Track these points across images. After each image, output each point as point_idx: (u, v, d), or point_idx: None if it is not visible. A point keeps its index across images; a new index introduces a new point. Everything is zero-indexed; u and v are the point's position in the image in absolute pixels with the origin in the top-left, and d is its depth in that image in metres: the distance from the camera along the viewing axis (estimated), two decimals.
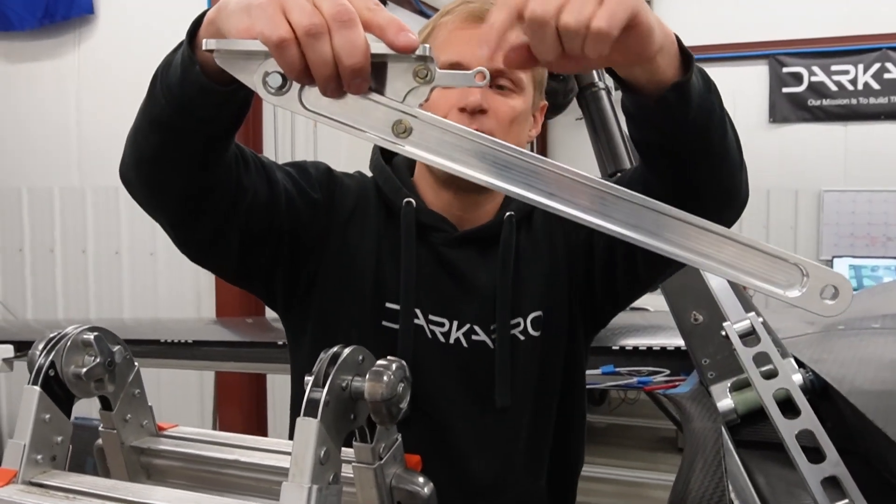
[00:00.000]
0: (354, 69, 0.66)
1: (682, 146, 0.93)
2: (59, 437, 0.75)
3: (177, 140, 0.91)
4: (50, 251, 4.47)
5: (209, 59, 0.77)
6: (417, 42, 0.68)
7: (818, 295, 0.67)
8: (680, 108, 0.88)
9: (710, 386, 1.30)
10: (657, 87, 0.86)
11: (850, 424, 1.02)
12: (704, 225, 0.69)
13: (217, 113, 0.88)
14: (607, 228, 0.70)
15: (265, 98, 0.70)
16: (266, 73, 0.69)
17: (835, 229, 6.41)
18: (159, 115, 0.90)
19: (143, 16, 4.18)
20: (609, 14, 0.71)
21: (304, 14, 0.66)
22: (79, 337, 0.78)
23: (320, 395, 0.64)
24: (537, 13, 0.71)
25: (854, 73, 6.36)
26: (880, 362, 1.15)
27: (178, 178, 0.96)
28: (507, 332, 1.18)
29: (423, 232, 1.18)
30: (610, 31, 0.71)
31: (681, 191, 0.94)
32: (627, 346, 2.05)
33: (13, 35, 4.42)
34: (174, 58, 0.86)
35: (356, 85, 0.68)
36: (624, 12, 0.72)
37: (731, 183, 1.00)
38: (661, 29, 0.79)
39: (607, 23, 0.70)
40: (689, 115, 0.89)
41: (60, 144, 4.41)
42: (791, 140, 6.48)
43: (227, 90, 0.83)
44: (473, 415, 1.19)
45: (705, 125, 0.92)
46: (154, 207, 1.02)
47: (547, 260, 1.21)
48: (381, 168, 1.23)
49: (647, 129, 0.94)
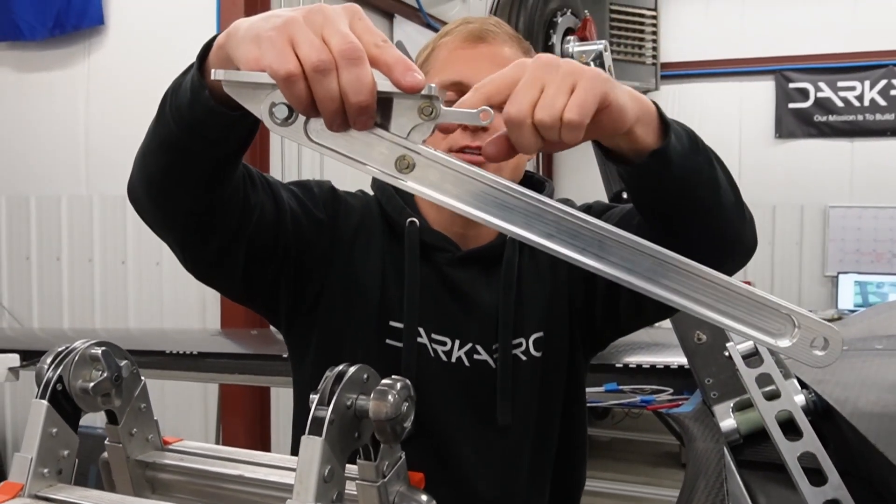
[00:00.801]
0: (360, 106, 0.67)
1: (668, 206, 0.96)
2: (66, 451, 0.76)
3: (185, 161, 0.92)
4: (56, 259, 4.48)
5: (218, 83, 0.78)
6: (424, 82, 0.69)
7: (808, 345, 0.68)
8: (662, 172, 0.90)
9: (713, 406, 1.29)
10: (638, 155, 0.89)
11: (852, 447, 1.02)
12: (701, 272, 0.70)
13: (226, 135, 0.89)
14: (603, 271, 0.71)
15: (271, 129, 0.71)
16: (273, 104, 0.69)
17: (840, 245, 6.39)
18: (168, 137, 0.90)
19: (152, 28, 4.20)
20: (579, 104, 0.74)
21: (313, 49, 0.66)
22: (86, 351, 0.79)
23: (325, 414, 0.65)
24: (513, 115, 0.74)
25: (860, 90, 6.36)
26: (883, 385, 1.15)
27: (187, 197, 0.97)
28: (509, 351, 1.18)
29: (427, 251, 1.19)
30: (582, 120, 0.74)
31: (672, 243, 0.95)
32: (631, 363, 2.05)
33: (24, 45, 4.45)
34: (184, 80, 0.87)
35: (361, 121, 0.69)
36: (594, 99, 0.75)
37: (725, 236, 1.01)
38: (635, 103, 0.83)
39: (578, 114, 0.74)
40: (673, 177, 0.91)
41: (69, 153, 4.43)
42: (797, 155, 6.48)
43: (235, 115, 0.84)
44: (476, 433, 1.19)
45: (691, 185, 0.94)
46: (162, 227, 1.03)
47: (549, 281, 1.22)
48: (384, 186, 1.24)
49: (637, 193, 0.97)
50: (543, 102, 0.74)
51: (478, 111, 0.72)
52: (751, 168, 6.47)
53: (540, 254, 1.22)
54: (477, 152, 1.12)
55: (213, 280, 1.13)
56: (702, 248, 0.97)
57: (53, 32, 4.36)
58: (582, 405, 1.30)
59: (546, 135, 0.75)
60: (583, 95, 0.74)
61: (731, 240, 1.01)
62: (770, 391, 1.08)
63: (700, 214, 0.96)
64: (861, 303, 6.15)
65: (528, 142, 0.75)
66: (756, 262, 6.53)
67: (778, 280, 6.52)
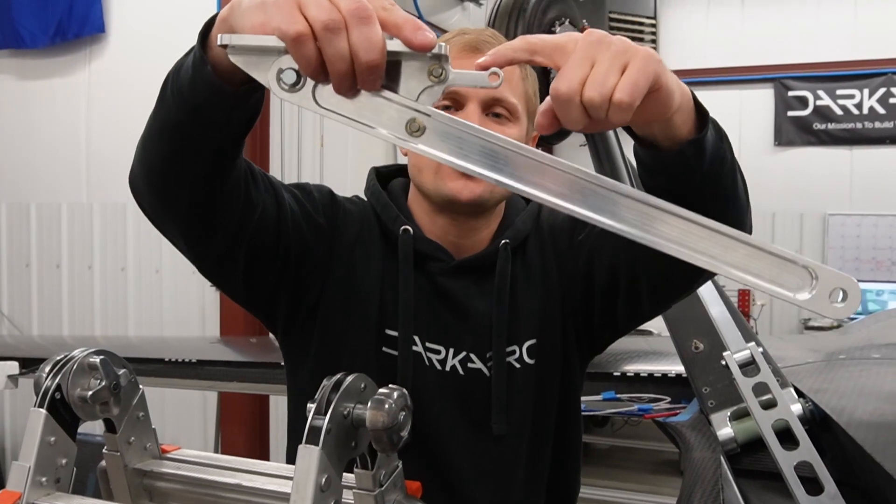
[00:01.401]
0: (371, 65, 0.66)
1: (694, 193, 0.95)
2: (64, 460, 0.76)
3: (186, 146, 0.90)
4: (56, 267, 4.49)
5: (221, 59, 0.77)
6: (435, 40, 0.68)
7: (827, 297, 0.66)
8: (696, 160, 0.90)
9: (711, 414, 1.30)
10: (673, 143, 0.88)
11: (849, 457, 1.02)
12: (714, 226, 0.69)
13: (227, 117, 0.88)
14: (616, 228, 0.69)
15: (278, 94, 0.69)
16: (280, 69, 0.68)
17: (840, 253, 6.40)
18: (169, 120, 0.89)
19: (153, 35, 4.22)
20: (630, 85, 0.72)
21: (322, 10, 0.66)
22: (85, 360, 0.79)
23: (322, 423, 0.65)
24: (562, 91, 0.72)
25: (859, 98, 6.38)
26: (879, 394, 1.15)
27: (187, 186, 0.95)
28: (503, 359, 1.18)
29: (421, 260, 1.19)
30: (632, 101, 0.72)
31: None
32: (629, 372, 2.05)
33: (25, 52, 4.47)
34: (185, 61, 0.86)
35: (371, 81, 0.67)
36: (646, 80, 0.73)
37: (739, 220, 1.01)
38: (679, 88, 0.81)
39: (629, 95, 0.72)
40: (704, 167, 0.91)
41: (69, 161, 4.45)
42: (796, 163, 6.49)
43: (238, 91, 0.82)
44: (471, 442, 1.19)
45: (718, 173, 0.94)
46: (161, 218, 1.01)
47: (541, 288, 1.22)
48: (379, 194, 1.24)
49: (661, 178, 0.95)
50: (594, 80, 0.72)
51: (487, 73, 0.70)
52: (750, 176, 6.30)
53: (532, 260, 1.23)
54: None
55: (216, 278, 1.13)
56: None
57: (54, 40, 4.38)
58: (577, 411, 1.30)
59: (594, 114, 0.73)
60: (635, 76, 0.73)
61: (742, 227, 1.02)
62: (767, 400, 1.08)
63: (721, 202, 0.96)
64: (861, 310, 6.14)
65: (574, 119, 0.73)
66: None
67: None
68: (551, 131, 0.77)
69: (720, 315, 1.41)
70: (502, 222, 1.23)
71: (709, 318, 1.41)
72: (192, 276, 4.17)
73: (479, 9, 6.08)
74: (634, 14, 6.39)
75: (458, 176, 1.12)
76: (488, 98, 1.13)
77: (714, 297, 1.42)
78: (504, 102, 1.14)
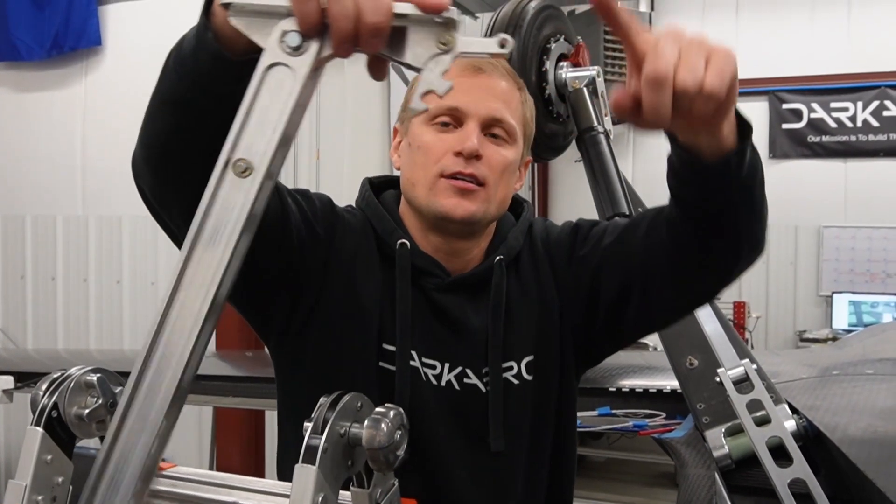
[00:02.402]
0: (376, 26, 0.65)
1: (727, 204, 0.96)
2: (60, 478, 0.76)
3: (188, 119, 0.87)
4: (52, 279, 4.48)
5: (224, 27, 0.75)
6: (448, 3, 0.66)
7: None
8: (737, 171, 0.90)
9: (705, 431, 1.30)
10: (718, 151, 0.88)
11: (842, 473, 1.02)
12: None
13: (230, 89, 0.81)
14: None
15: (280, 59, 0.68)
16: (284, 31, 0.66)
17: (834, 265, 6.42)
18: (171, 94, 0.87)
19: (149, 49, 4.19)
20: (719, 72, 0.72)
21: None
22: (82, 378, 0.79)
23: (319, 443, 0.65)
24: (660, 71, 0.71)
25: (853, 111, 6.41)
26: (873, 411, 1.16)
27: (189, 165, 0.88)
28: (500, 375, 1.18)
29: (416, 275, 1.18)
30: (721, 90, 0.72)
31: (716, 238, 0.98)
32: (624, 387, 2.05)
33: (22, 65, 4.48)
34: (188, 34, 0.84)
35: (373, 44, 0.66)
36: (731, 71, 0.73)
37: (763, 231, 1.03)
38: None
39: (720, 82, 0.72)
40: (742, 177, 0.92)
41: (65, 173, 4.45)
42: (791, 176, 6.51)
43: (240, 61, 0.78)
44: (468, 458, 1.19)
45: (752, 184, 0.95)
46: (160, 201, 0.98)
47: (537, 303, 1.22)
48: (374, 206, 1.23)
49: (695, 188, 0.95)
50: (686, 65, 0.71)
51: (496, 39, 0.68)
52: None
53: (526, 276, 1.23)
54: (469, 179, 1.12)
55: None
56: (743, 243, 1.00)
57: (51, 53, 4.38)
58: (573, 423, 1.29)
59: (681, 102, 0.72)
60: (721, 65, 0.72)
61: (763, 235, 1.04)
62: (761, 416, 1.09)
63: (751, 211, 0.98)
64: (856, 322, 6.16)
65: (664, 103, 0.72)
66: (751, 282, 6.57)
67: (773, 300, 6.54)
68: (624, 115, 0.75)
69: (714, 331, 1.41)
70: (494, 238, 1.23)
71: (703, 335, 1.42)
72: None
73: (474, 22, 6.11)
74: None
75: (452, 193, 1.12)
76: (488, 117, 1.14)
77: (708, 313, 1.43)
78: (504, 124, 1.15)
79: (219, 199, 0.69)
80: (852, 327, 6.03)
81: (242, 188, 0.68)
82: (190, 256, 0.69)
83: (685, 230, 1.02)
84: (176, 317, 0.70)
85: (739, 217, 0.98)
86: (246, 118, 0.68)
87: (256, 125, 0.68)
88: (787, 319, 6.53)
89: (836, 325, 6.20)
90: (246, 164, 0.68)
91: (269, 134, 0.68)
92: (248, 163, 0.68)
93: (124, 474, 0.70)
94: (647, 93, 0.72)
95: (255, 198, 0.68)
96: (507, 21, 2.02)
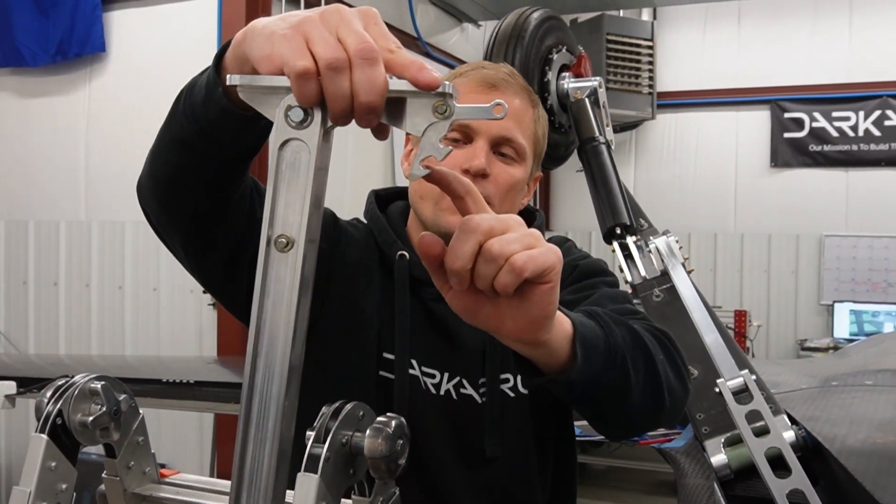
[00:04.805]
0: (370, 106, 0.67)
1: (584, 402, 0.97)
2: (64, 485, 0.77)
3: (194, 161, 0.92)
4: (54, 284, 4.49)
5: (233, 89, 0.77)
6: (440, 79, 0.68)
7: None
8: (568, 389, 0.90)
9: (705, 441, 1.30)
10: (549, 368, 0.88)
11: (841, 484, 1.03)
12: None
13: (236, 138, 0.89)
14: None
15: (286, 132, 0.70)
16: (289, 106, 0.69)
17: (836, 274, 6.42)
18: (180, 134, 0.91)
19: (153, 55, 4.24)
20: (530, 256, 0.75)
21: (328, 47, 0.66)
22: (86, 385, 0.79)
23: (321, 451, 0.66)
24: (473, 219, 0.77)
25: (855, 120, 6.43)
26: (872, 422, 1.16)
27: (192, 198, 0.97)
28: (497, 387, 1.19)
29: (415, 286, 1.20)
30: (524, 263, 0.74)
31: (594, 421, 1.02)
32: None
33: (26, 71, 4.49)
34: (199, 79, 0.87)
35: (367, 120, 0.69)
36: (544, 262, 0.75)
37: (640, 407, 1.00)
38: (561, 316, 0.84)
39: (525, 257, 0.74)
40: (576, 394, 0.91)
41: (68, 179, 4.46)
42: (792, 185, 6.53)
43: (248, 115, 0.83)
44: (466, 467, 1.19)
45: (597, 399, 0.94)
46: (164, 226, 1.03)
47: None
48: (377, 218, 1.25)
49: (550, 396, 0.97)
50: (501, 237, 0.75)
51: (491, 105, 0.70)
52: (746, 197, 6.53)
53: None
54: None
55: (219, 291, 1.13)
56: (627, 425, 1.05)
57: (55, 59, 4.40)
58: (572, 433, 1.30)
59: (482, 268, 0.75)
60: (533, 242, 0.76)
61: (646, 409, 1.01)
62: (760, 427, 1.09)
63: (608, 413, 0.99)
64: (857, 331, 6.16)
65: (466, 252, 0.76)
66: (752, 291, 6.57)
67: (774, 309, 6.54)
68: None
69: (714, 342, 1.42)
70: None
71: (703, 346, 1.42)
72: (189, 295, 4.18)
73: (477, 30, 6.13)
74: (632, 37, 6.43)
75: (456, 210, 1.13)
76: (498, 136, 1.15)
77: (708, 324, 1.43)
78: (513, 143, 1.16)
79: (270, 277, 0.71)
80: (853, 336, 6.03)
81: (288, 262, 0.71)
82: (260, 331, 0.72)
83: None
84: (261, 383, 0.73)
85: (605, 409, 0.98)
86: (275, 196, 0.70)
87: (285, 200, 0.71)
88: (788, 328, 6.54)
89: (837, 334, 6.21)
90: (286, 240, 0.70)
91: (299, 205, 0.70)
92: (287, 237, 0.70)
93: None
94: (457, 235, 0.77)
95: (302, 266, 0.71)
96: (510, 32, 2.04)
